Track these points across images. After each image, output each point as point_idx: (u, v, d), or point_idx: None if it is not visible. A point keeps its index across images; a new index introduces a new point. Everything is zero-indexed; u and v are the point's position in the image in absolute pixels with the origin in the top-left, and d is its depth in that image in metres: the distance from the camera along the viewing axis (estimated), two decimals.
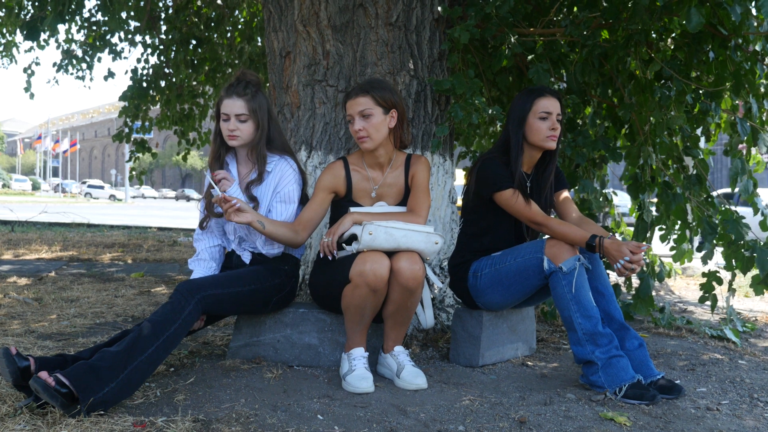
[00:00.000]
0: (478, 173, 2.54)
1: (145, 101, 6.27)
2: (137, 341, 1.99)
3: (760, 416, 2.09)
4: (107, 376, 1.88)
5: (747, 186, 3.15)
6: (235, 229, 2.47)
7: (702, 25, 2.60)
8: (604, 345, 2.25)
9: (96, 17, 6.50)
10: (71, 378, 1.84)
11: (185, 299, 2.13)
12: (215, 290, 2.23)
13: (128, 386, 1.94)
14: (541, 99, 2.50)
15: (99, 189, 45.36)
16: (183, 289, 2.16)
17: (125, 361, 1.93)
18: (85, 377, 1.85)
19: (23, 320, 3.26)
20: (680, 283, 5.84)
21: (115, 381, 1.89)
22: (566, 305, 2.30)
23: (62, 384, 1.82)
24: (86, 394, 1.83)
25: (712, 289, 3.21)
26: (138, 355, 1.97)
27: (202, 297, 2.17)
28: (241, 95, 2.39)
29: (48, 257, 6.27)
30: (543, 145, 2.51)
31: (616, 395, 2.19)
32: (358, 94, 2.40)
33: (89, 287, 4.39)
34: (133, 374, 1.94)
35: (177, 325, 2.08)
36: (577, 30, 2.99)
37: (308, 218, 2.42)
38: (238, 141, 2.42)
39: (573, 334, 2.31)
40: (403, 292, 2.24)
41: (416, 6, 3.03)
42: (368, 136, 2.38)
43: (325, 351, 2.51)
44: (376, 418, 1.96)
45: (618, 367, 2.22)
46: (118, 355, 1.94)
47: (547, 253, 2.34)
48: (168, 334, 2.05)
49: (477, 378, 2.45)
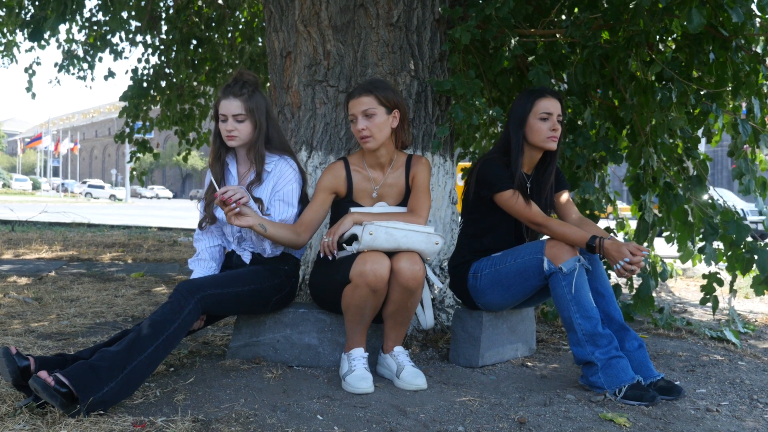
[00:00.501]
0: (479, 174, 2.54)
1: (146, 101, 6.27)
2: (137, 341, 1.99)
3: (759, 417, 2.09)
4: (107, 376, 1.88)
5: (749, 186, 3.16)
6: (233, 230, 2.47)
7: (703, 25, 2.60)
8: (603, 346, 2.25)
9: (97, 17, 6.50)
10: (70, 377, 1.84)
11: (185, 299, 2.13)
12: (215, 290, 2.23)
13: (128, 386, 1.94)
14: (542, 100, 2.50)
15: (99, 189, 45.38)
16: (183, 289, 2.16)
17: (125, 361, 1.93)
18: (85, 377, 1.85)
19: (23, 320, 3.26)
20: (680, 284, 5.84)
21: (114, 381, 1.89)
22: (566, 306, 2.30)
23: (62, 383, 1.82)
24: (86, 393, 1.83)
25: (713, 291, 3.21)
26: (137, 354, 1.97)
27: (202, 297, 2.17)
28: (238, 95, 2.38)
29: (48, 257, 6.28)
30: (543, 145, 2.52)
31: (615, 396, 2.19)
32: (361, 93, 2.39)
33: (89, 287, 4.39)
34: (132, 374, 1.94)
35: (176, 324, 2.08)
36: (577, 31, 2.99)
37: (309, 219, 2.42)
38: (236, 141, 2.42)
39: (573, 334, 2.31)
40: (404, 293, 2.24)
41: (417, 6, 3.03)
42: (371, 135, 2.38)
43: (325, 351, 2.51)
44: (376, 418, 1.95)
45: (618, 368, 2.22)
46: (117, 354, 1.94)
47: (548, 253, 2.34)
48: (167, 334, 2.05)
49: (477, 378, 2.45)
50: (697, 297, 5.00)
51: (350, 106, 2.42)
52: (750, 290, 5.08)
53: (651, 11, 2.85)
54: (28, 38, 5.25)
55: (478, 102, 2.82)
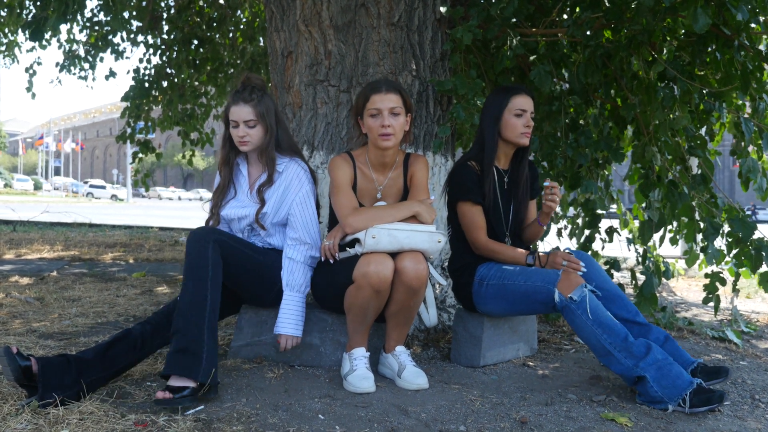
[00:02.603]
0: (451, 178, 2.60)
1: (147, 101, 6.27)
2: (191, 302, 2.07)
3: (761, 417, 2.09)
4: (196, 349, 1.99)
5: (761, 184, 3.14)
6: (240, 226, 2.48)
7: (708, 25, 2.59)
8: (643, 355, 2.13)
9: (98, 17, 6.51)
10: (176, 371, 1.97)
11: (202, 243, 2.18)
12: (228, 239, 2.28)
13: (213, 340, 2.05)
14: (517, 97, 2.56)
15: (101, 189, 45.42)
16: (196, 237, 2.20)
17: (198, 323, 2.03)
18: (184, 362, 1.98)
19: (25, 320, 3.27)
20: (682, 284, 5.84)
21: (204, 348, 2.01)
22: (590, 331, 2.21)
23: (179, 389, 1.94)
24: (201, 374, 1.97)
25: (716, 290, 3.20)
26: (201, 310, 2.06)
27: (217, 239, 2.22)
28: (248, 101, 2.39)
29: (50, 257, 6.28)
30: (517, 141, 2.57)
31: (681, 407, 2.06)
32: (389, 89, 2.36)
33: (91, 287, 4.40)
34: (210, 330, 2.05)
35: (210, 267, 2.14)
36: (579, 30, 2.99)
37: (357, 204, 2.39)
38: (249, 146, 2.43)
39: (609, 357, 2.19)
40: (407, 292, 2.23)
41: (418, 6, 3.03)
42: (394, 134, 2.37)
43: (327, 351, 2.51)
44: (378, 417, 1.96)
45: (671, 376, 2.09)
46: (188, 325, 2.03)
47: (560, 286, 2.29)
48: (211, 275, 2.12)
49: (478, 378, 2.45)
50: (698, 297, 5.00)
51: (375, 100, 2.35)
52: (751, 290, 5.09)
53: (653, 11, 2.84)
54: (29, 38, 5.25)
55: (480, 102, 2.82)
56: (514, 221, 2.65)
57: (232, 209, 2.47)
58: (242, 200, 2.48)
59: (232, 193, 2.51)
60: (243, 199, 2.48)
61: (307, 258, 2.42)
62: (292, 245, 2.41)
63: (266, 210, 2.42)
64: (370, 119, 2.37)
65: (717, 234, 3.04)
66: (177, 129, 6.63)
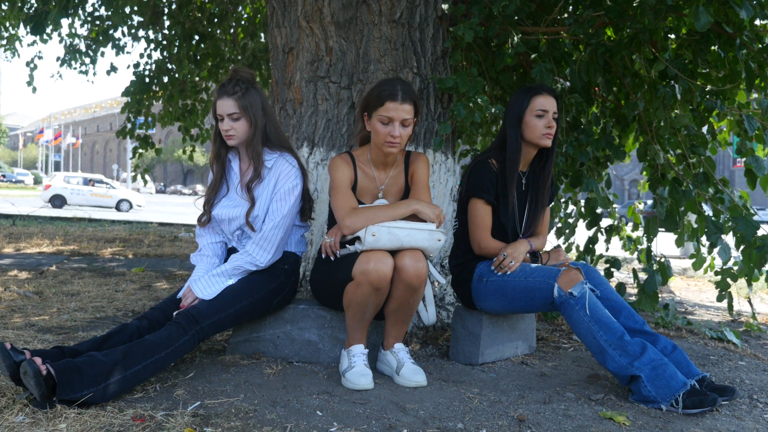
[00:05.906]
0: (469, 172, 2.58)
1: (148, 97, 6.26)
2: (127, 356, 2.01)
3: (759, 417, 2.09)
4: (89, 381, 1.91)
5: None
6: (231, 228, 2.48)
7: (710, 24, 2.58)
8: (638, 354, 2.14)
9: (99, 12, 6.50)
10: (57, 372, 1.87)
11: (183, 330, 2.17)
12: (214, 318, 2.26)
13: (104, 395, 1.95)
14: (538, 97, 2.52)
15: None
16: (182, 321, 2.20)
17: (109, 374, 1.95)
18: (69, 376, 1.88)
19: (24, 314, 3.27)
20: (681, 284, 5.84)
21: (94, 388, 1.91)
22: (587, 328, 2.22)
23: (50, 376, 1.86)
24: (65, 392, 1.86)
25: (728, 287, 3.18)
26: (123, 369, 1.99)
27: (200, 329, 2.22)
28: (231, 94, 2.38)
29: (49, 251, 6.28)
30: (539, 142, 2.53)
31: (674, 407, 2.06)
32: (405, 99, 2.31)
33: (90, 281, 4.39)
34: (113, 386, 1.96)
35: (169, 351, 2.12)
36: (580, 28, 2.99)
37: (356, 205, 2.37)
38: (235, 140, 2.42)
39: (604, 355, 2.19)
40: (407, 290, 2.23)
41: (420, 3, 3.02)
42: (401, 143, 2.36)
43: (325, 347, 2.51)
44: (376, 414, 1.96)
45: (666, 376, 2.09)
46: (105, 365, 1.96)
47: (560, 281, 2.30)
48: (157, 357, 2.08)
49: (476, 376, 2.45)
50: (698, 296, 5.00)
51: (389, 108, 2.30)
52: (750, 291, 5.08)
53: (656, 9, 2.84)
54: (30, 32, 5.24)
55: (481, 100, 2.81)
56: (528, 224, 2.63)
57: (223, 209, 2.46)
58: (233, 198, 2.47)
59: (225, 190, 2.51)
60: (234, 197, 2.47)
61: (249, 269, 2.41)
62: (252, 252, 2.38)
63: (257, 212, 2.40)
64: (379, 124, 2.35)
65: (719, 233, 3.03)
66: (177, 124, 6.63)
